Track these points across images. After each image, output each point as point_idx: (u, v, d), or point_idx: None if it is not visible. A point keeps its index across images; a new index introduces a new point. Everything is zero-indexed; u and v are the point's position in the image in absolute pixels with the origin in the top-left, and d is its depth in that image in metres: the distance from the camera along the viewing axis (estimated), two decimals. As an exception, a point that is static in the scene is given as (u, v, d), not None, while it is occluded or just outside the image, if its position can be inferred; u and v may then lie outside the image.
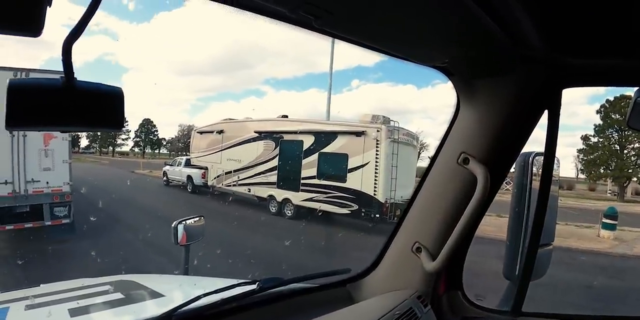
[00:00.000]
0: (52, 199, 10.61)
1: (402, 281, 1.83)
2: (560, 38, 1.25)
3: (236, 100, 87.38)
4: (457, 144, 1.66)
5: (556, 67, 1.44)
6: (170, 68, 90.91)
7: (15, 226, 10.11)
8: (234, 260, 8.54)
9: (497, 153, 1.60)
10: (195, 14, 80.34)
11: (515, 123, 1.56)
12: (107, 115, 0.90)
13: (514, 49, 1.28)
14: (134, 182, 27.73)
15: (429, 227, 1.74)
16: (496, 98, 1.53)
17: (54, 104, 0.84)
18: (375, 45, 1.28)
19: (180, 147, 58.01)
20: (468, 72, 1.50)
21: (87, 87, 0.87)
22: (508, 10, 1.07)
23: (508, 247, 1.72)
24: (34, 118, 0.83)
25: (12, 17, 0.76)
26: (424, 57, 1.40)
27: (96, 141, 67.62)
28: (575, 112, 55.88)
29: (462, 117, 1.65)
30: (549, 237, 1.70)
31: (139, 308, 2.29)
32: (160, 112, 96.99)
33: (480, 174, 1.53)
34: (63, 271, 7.19)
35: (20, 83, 0.82)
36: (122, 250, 9.26)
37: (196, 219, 3.11)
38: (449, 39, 1.21)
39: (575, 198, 31.56)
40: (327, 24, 1.06)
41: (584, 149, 39.24)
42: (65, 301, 2.34)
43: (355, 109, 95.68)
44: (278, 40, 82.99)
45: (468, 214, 1.53)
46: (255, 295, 1.65)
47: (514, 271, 1.69)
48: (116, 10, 76.68)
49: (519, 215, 1.66)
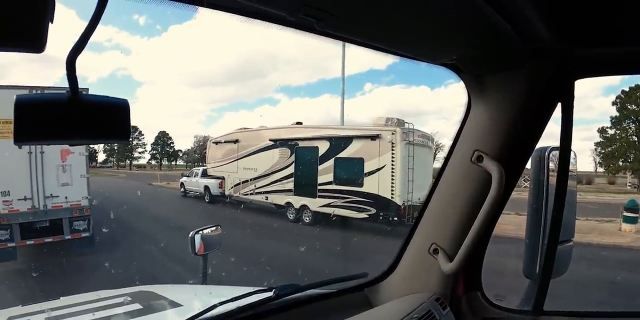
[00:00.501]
0: (71, 214, 10.75)
1: (420, 284, 1.81)
2: (567, 28, 1.23)
3: (250, 110, 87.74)
4: (470, 142, 1.63)
5: (566, 58, 1.41)
6: (183, 80, 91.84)
7: (35, 241, 10.27)
8: (254, 268, 8.55)
9: (511, 149, 1.56)
10: (205, 26, 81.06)
11: (528, 118, 1.53)
12: (113, 127, 0.91)
13: (522, 42, 1.26)
14: (152, 194, 27.97)
15: (445, 228, 1.71)
16: (507, 93, 1.51)
17: (60, 118, 0.85)
18: (381, 46, 1.27)
19: (197, 158, 58.33)
20: (477, 68, 1.47)
21: (93, 100, 0.88)
22: (512, 3, 1.05)
23: (527, 245, 1.68)
24: (42, 132, 0.84)
25: (15, 34, 0.77)
26: (431, 55, 1.38)
27: (113, 155, 68.41)
28: (591, 105, 55.19)
29: (474, 114, 1.63)
30: (569, 233, 1.66)
31: (157, 318, 2.29)
32: (176, 124, 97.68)
33: (494, 171, 1.50)
34: (84, 284, 7.25)
35: (27, 99, 0.84)
36: (142, 261, 9.35)
37: (213, 229, 3.10)
38: (454, 35, 1.20)
39: (595, 192, 31.16)
40: (329, 26, 1.05)
41: (601, 142, 38.74)
42: (84, 313, 2.36)
43: (369, 113, 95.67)
44: (289, 47, 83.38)
45: (484, 212, 1.50)
46: (271, 303, 1.64)
47: (534, 269, 1.65)
48: (127, 26, 77.83)
49: (537, 212, 1.62)
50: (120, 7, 72.06)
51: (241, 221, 15.47)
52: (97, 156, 63.94)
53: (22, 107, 0.82)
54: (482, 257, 1.82)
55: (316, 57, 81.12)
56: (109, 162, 68.51)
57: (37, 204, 10.43)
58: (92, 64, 65.82)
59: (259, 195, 18.17)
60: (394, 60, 69.91)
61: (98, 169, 54.78)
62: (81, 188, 11.04)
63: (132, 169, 65.13)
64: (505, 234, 9.82)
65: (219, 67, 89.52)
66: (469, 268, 1.80)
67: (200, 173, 23.01)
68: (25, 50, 0.80)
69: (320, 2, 0.95)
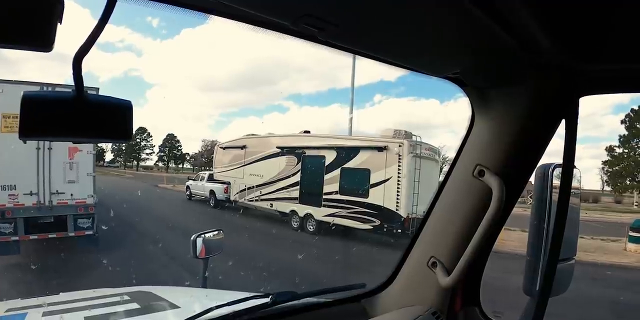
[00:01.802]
0: (76, 211, 10.84)
1: (417, 296, 1.79)
2: (572, 43, 1.21)
3: (259, 116, 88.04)
4: (472, 156, 1.63)
5: (571, 74, 1.40)
6: (194, 84, 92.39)
7: (39, 236, 10.40)
8: (255, 274, 8.53)
9: (513, 165, 1.56)
10: (217, 31, 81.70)
11: (531, 133, 1.52)
12: (116, 127, 0.93)
13: (526, 56, 1.25)
14: (157, 195, 28.08)
15: (445, 241, 1.70)
16: (511, 108, 1.50)
17: (65, 116, 0.87)
18: (382, 56, 1.27)
19: (204, 162, 58.46)
20: (480, 82, 1.48)
21: (97, 99, 0.91)
22: (516, 16, 1.05)
23: (528, 262, 1.66)
24: (46, 129, 0.87)
25: (25, 33, 0.80)
26: (434, 68, 1.38)
27: (120, 155, 68.80)
28: (600, 123, 54.89)
29: (477, 128, 1.63)
30: (570, 251, 1.64)
31: (153, 318, 2.29)
32: (184, 127, 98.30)
33: (495, 186, 1.50)
34: (85, 281, 7.27)
35: (33, 95, 0.86)
36: (142, 262, 9.36)
37: (215, 233, 3.11)
38: (457, 48, 1.20)
39: (601, 211, 30.98)
40: (331, 36, 1.06)
41: (608, 160, 38.48)
42: (82, 309, 2.37)
43: (378, 124, 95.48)
44: (300, 56, 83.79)
45: (484, 227, 1.50)
46: (267, 309, 1.63)
47: (534, 286, 1.63)
48: (140, 27, 78.50)
49: (538, 228, 1.60)
50: (133, 9, 72.84)
51: (244, 227, 15.45)
52: (105, 155, 64.40)
53: (28, 104, 0.84)
54: (481, 273, 1.80)
55: (327, 67, 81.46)
56: (116, 161, 68.88)
57: (42, 200, 10.54)
58: (104, 64, 66.30)
59: (264, 202, 18.16)
60: (404, 73, 70.40)
61: (105, 168, 55.08)
62: (87, 186, 11.14)
63: (138, 170, 65.41)
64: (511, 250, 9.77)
65: (229, 72, 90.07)
66: (468, 283, 1.79)
67: (206, 177, 23.05)
68: (34, 48, 0.83)
69: (322, 12, 0.96)
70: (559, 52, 1.26)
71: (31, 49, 0.83)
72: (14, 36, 0.79)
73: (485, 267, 1.79)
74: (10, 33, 0.78)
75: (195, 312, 1.57)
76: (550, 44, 1.19)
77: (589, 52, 1.27)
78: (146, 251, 11.04)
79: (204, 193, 22.49)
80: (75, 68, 0.85)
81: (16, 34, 0.79)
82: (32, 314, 2.31)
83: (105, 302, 2.56)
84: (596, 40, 1.20)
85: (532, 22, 1.08)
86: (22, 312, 2.31)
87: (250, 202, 18.96)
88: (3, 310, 2.30)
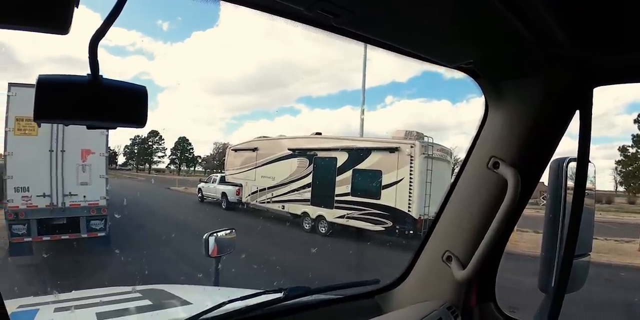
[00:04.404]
0: (89, 212, 10.99)
1: (432, 292, 1.78)
2: (586, 32, 1.19)
3: (270, 119, 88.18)
4: (486, 148, 1.61)
5: (584, 64, 1.38)
6: (205, 87, 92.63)
7: (52, 237, 10.53)
8: (268, 276, 8.54)
9: (528, 156, 1.54)
10: (229, 34, 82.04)
11: (545, 125, 1.51)
12: (130, 112, 0.94)
13: (539, 46, 1.24)
14: (170, 197, 28.24)
15: (460, 234, 1.69)
16: (524, 99, 1.49)
17: (80, 100, 0.88)
18: (397, 45, 1.27)
19: (215, 165, 58.66)
20: (494, 73, 1.46)
21: (113, 84, 0.92)
22: (529, 5, 1.04)
23: (543, 258, 1.64)
24: (61, 112, 0.88)
25: (42, 15, 0.80)
26: (448, 58, 1.37)
27: (133, 158, 69.23)
28: (613, 123, 54.21)
29: (491, 120, 1.61)
30: (586, 247, 1.62)
31: (165, 314, 2.30)
32: (196, 130, 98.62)
33: (510, 177, 1.48)
34: (96, 280, 7.33)
35: (49, 78, 0.87)
36: (155, 262, 9.41)
37: (227, 232, 3.12)
38: (472, 38, 1.19)
39: (615, 212, 30.69)
40: (346, 22, 1.05)
41: (622, 160, 38.01)
42: (94, 306, 2.38)
43: (390, 126, 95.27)
44: (312, 58, 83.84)
45: (499, 219, 1.48)
46: (280, 304, 1.63)
47: (549, 283, 1.61)
48: (151, 31, 78.95)
49: (553, 224, 1.58)
50: (145, 12, 73.43)
51: (257, 229, 15.46)
52: (117, 158, 64.84)
53: (43, 86, 0.85)
54: (497, 267, 1.78)
55: (339, 68, 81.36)
56: (128, 164, 69.29)
57: (55, 201, 10.67)
58: (115, 68, 66.87)
59: (276, 203, 18.19)
60: (416, 74, 69.32)
61: (117, 171, 55.32)
62: (100, 188, 11.28)
63: (150, 173, 65.68)
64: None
65: (240, 75, 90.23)
66: (483, 278, 1.77)
67: (218, 179, 23.09)
68: (50, 31, 0.83)
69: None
70: (574, 42, 1.24)
71: (47, 31, 0.83)
72: (30, 18, 0.80)
73: (500, 261, 1.77)
74: (27, 15, 0.79)
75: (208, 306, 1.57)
76: (564, 33, 1.18)
77: (603, 41, 1.25)
78: (160, 252, 11.08)
79: (216, 195, 22.50)
80: (91, 52, 0.85)
81: (33, 16, 0.79)
82: (43, 309, 2.33)
83: (116, 298, 2.57)
84: (610, 29, 1.18)
85: (547, 11, 1.06)
86: (33, 308, 2.33)
87: (262, 204, 18.98)
88: (15, 307, 2.32)
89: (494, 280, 1.80)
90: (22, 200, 10.27)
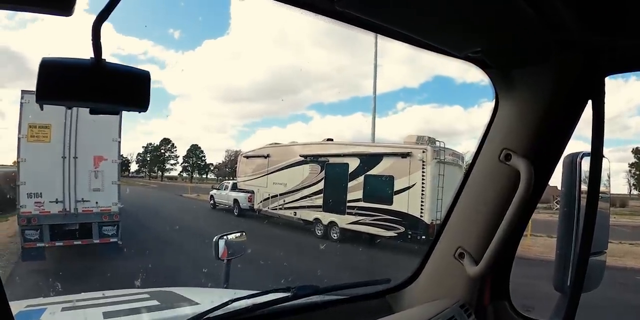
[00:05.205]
0: (101, 218, 11.07)
1: (444, 290, 1.75)
2: (597, 16, 1.16)
3: (282, 126, 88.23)
4: (497, 140, 1.58)
5: (596, 51, 1.34)
6: (217, 95, 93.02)
7: (65, 243, 10.65)
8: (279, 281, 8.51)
9: (540, 148, 1.51)
10: (240, 41, 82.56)
11: (557, 115, 1.47)
12: (133, 95, 0.95)
13: (549, 32, 1.20)
14: (182, 204, 28.37)
15: (472, 230, 1.65)
16: (535, 89, 1.45)
17: (82, 82, 0.88)
18: (403, 31, 1.23)
19: (227, 172, 58.75)
20: (503, 62, 1.43)
21: (115, 67, 0.92)
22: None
23: (558, 256, 1.60)
24: (63, 93, 0.89)
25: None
26: (456, 46, 1.34)
27: (145, 165, 69.73)
28: (626, 125, 53.51)
29: (502, 111, 1.58)
30: (601, 244, 1.58)
31: (172, 313, 2.29)
32: (208, 138, 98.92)
33: (523, 169, 1.45)
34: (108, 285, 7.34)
35: (52, 60, 0.87)
36: (167, 267, 9.45)
37: (238, 235, 3.09)
38: (479, 24, 1.15)
39: (629, 215, 30.28)
40: (349, 5, 1.02)
41: (635, 162, 37.50)
42: (101, 306, 2.38)
43: (401, 132, 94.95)
44: (323, 64, 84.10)
45: (512, 213, 1.45)
46: (288, 303, 1.61)
47: (565, 282, 1.57)
48: (162, 39, 79.53)
49: (568, 221, 1.54)
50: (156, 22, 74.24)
51: (269, 235, 15.44)
52: (130, 166, 65.35)
53: (46, 67, 0.85)
54: (511, 264, 1.74)
55: (350, 75, 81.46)
56: (141, 172, 69.79)
57: (68, 207, 10.79)
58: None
59: (288, 210, 18.20)
60: (427, 79, 69.07)
61: (130, 178, 55.76)
62: (112, 194, 11.37)
63: (163, 180, 66.08)
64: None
65: (251, 83, 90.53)
66: (497, 275, 1.73)
67: (230, 186, 23.13)
68: (54, 12, 0.83)
69: None
70: (584, 27, 1.21)
71: (51, 13, 0.83)
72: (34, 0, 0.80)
73: (514, 258, 1.73)
74: None
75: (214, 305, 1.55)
76: (575, 19, 1.15)
77: (614, 26, 1.21)
78: (169, 258, 11.12)
79: (228, 202, 22.56)
80: (94, 34, 0.85)
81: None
82: (50, 309, 2.33)
83: (124, 299, 2.57)
84: (622, 13, 1.14)
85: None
86: (41, 308, 2.33)
87: (273, 210, 19.00)
88: (22, 307, 2.33)
89: (508, 277, 1.76)
90: (34, 206, 10.38)
